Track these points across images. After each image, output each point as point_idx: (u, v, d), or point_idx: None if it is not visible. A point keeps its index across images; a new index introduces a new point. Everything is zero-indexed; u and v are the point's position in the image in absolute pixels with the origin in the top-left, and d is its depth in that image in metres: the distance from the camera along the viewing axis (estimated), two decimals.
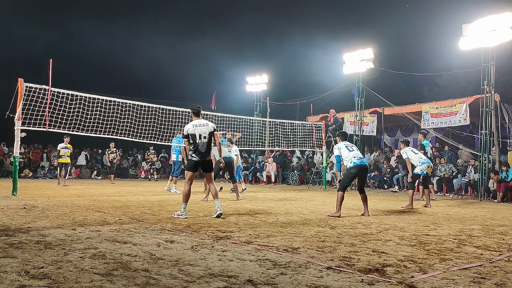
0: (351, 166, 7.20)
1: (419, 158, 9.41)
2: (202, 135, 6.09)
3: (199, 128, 6.12)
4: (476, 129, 14.67)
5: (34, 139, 18.99)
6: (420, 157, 9.45)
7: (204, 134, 6.09)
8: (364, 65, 15.68)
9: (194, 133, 6.08)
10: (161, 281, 2.88)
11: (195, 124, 6.18)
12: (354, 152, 7.34)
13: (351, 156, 7.26)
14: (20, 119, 9.25)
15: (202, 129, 6.13)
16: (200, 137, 6.08)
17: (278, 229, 5.34)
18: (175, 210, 6.87)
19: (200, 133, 6.09)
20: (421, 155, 9.63)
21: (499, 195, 11.72)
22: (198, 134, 6.08)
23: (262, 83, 20.52)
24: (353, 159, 7.21)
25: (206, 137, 6.11)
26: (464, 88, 23.02)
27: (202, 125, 6.18)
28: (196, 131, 6.10)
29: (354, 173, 7.21)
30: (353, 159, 7.21)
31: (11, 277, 2.84)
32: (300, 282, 2.98)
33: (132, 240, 4.30)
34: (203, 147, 6.10)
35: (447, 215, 7.66)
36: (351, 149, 7.38)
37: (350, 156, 7.27)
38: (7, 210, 6.54)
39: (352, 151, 7.36)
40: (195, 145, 6.08)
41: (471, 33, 12.45)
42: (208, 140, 6.14)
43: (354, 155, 7.27)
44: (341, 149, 7.41)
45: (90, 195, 9.93)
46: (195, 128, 6.11)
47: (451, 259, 3.86)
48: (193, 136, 6.08)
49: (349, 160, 7.25)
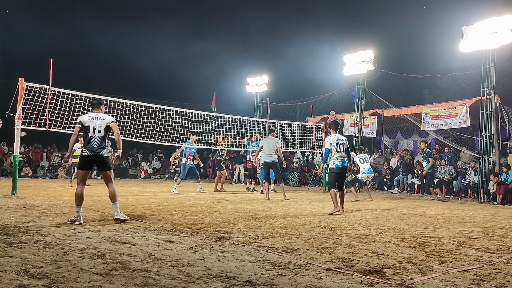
0: (333, 167, 7.77)
1: (363, 167, 11.24)
2: (96, 128, 5.67)
3: (94, 121, 5.70)
4: (476, 131, 14.67)
5: (34, 138, 19.00)
6: (364, 167, 11.24)
7: (99, 128, 5.68)
8: (365, 66, 15.69)
9: (88, 126, 5.67)
10: (160, 281, 2.88)
11: (91, 116, 5.77)
12: (340, 153, 7.77)
13: (334, 158, 7.77)
14: (21, 118, 9.26)
15: (97, 122, 5.70)
16: (94, 131, 5.66)
17: (277, 230, 5.34)
18: (174, 211, 6.86)
19: (95, 126, 5.68)
20: (366, 165, 11.31)
21: (499, 198, 11.72)
22: (92, 127, 5.67)
23: (263, 84, 20.52)
24: (336, 161, 7.75)
25: (101, 131, 5.68)
26: (465, 90, 23.03)
27: (98, 118, 5.75)
28: (91, 124, 5.68)
29: (336, 173, 7.80)
30: (336, 160, 7.75)
31: (10, 277, 2.84)
32: (300, 283, 2.97)
33: (132, 240, 4.30)
34: (96, 141, 5.65)
35: (447, 217, 7.65)
36: (338, 150, 7.78)
37: (334, 158, 7.78)
38: (6, 209, 6.54)
39: (339, 152, 7.77)
40: (87, 138, 5.66)
41: (471, 35, 12.46)
42: (103, 135, 5.71)
43: (338, 156, 7.74)
44: (332, 145, 7.79)
45: (90, 195, 9.92)
46: (90, 121, 5.71)
47: (450, 261, 3.86)
48: (87, 129, 5.67)
49: (332, 161, 7.79)
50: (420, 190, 14.52)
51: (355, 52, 15.95)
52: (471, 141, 14.89)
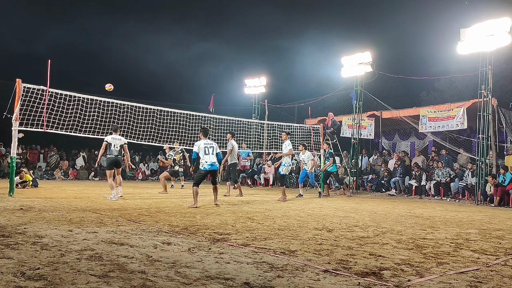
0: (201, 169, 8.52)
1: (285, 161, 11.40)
2: (115, 144, 9.73)
3: (114, 141, 9.75)
4: (473, 133, 14.70)
5: (31, 139, 18.94)
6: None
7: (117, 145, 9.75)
8: (362, 68, 15.71)
9: (111, 143, 9.69)
10: (157, 283, 2.87)
11: (113, 137, 9.80)
12: (208, 156, 8.44)
13: (203, 161, 8.46)
14: (18, 119, 9.23)
15: (116, 141, 9.76)
16: (114, 146, 9.71)
17: (275, 232, 5.34)
18: (172, 212, 6.84)
19: (115, 143, 9.72)
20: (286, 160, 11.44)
21: (496, 199, 11.75)
22: (113, 144, 9.69)
23: (261, 86, 20.52)
24: (204, 164, 8.45)
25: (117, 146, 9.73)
26: (462, 92, 23.11)
27: (116, 139, 9.80)
28: (113, 141, 9.72)
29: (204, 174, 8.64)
30: (204, 164, 8.44)
31: (7, 278, 2.82)
32: (297, 285, 2.97)
33: (129, 242, 4.29)
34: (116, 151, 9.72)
35: (444, 219, 7.67)
36: (207, 152, 8.45)
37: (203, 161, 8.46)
38: (3, 210, 6.52)
39: (207, 154, 8.43)
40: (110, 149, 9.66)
41: (469, 37, 12.50)
42: (120, 149, 9.75)
43: (206, 160, 8.43)
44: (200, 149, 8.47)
45: (88, 197, 9.91)
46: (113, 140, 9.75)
47: (448, 263, 3.87)
48: (110, 145, 9.67)
49: (201, 164, 8.51)
50: (417, 192, 14.54)
51: (353, 54, 15.97)
52: (468, 143, 14.93)
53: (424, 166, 15.20)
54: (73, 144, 20.72)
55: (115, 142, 9.64)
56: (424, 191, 14.35)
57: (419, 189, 14.51)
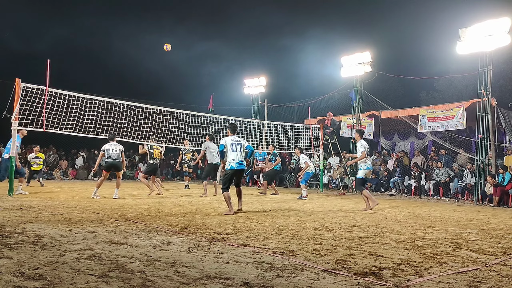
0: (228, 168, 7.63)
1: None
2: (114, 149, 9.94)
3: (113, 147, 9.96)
4: (473, 133, 14.71)
5: (30, 139, 18.89)
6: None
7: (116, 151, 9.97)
8: (362, 68, 15.71)
9: (109, 148, 9.90)
10: (157, 283, 2.87)
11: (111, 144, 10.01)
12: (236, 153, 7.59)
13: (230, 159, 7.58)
14: (17, 119, 9.22)
15: (114, 147, 9.99)
16: (113, 151, 9.92)
17: (274, 232, 5.34)
18: (171, 212, 6.83)
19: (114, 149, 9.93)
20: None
21: (496, 199, 11.76)
22: (112, 149, 9.91)
23: (260, 86, 20.50)
24: (232, 162, 7.56)
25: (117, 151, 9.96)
26: (461, 92, 23.10)
27: (115, 145, 10.03)
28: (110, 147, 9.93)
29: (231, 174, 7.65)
30: (232, 162, 7.56)
31: (6, 278, 2.82)
32: (297, 285, 2.97)
33: (128, 242, 4.29)
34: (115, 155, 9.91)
35: (444, 219, 7.67)
36: (234, 149, 7.61)
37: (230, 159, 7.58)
38: (3, 210, 6.51)
39: (235, 151, 7.59)
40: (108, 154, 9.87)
41: (468, 37, 12.51)
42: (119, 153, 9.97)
43: (234, 157, 7.56)
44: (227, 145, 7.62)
45: (87, 197, 9.90)
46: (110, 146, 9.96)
47: (447, 263, 3.87)
48: (108, 151, 9.89)
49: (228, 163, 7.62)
50: (417, 192, 14.55)
51: (352, 54, 15.98)
52: (468, 143, 14.94)
53: (424, 166, 15.21)
54: (73, 144, 20.72)
55: (113, 148, 9.90)
56: (424, 191, 14.37)
57: (418, 189, 14.53)
